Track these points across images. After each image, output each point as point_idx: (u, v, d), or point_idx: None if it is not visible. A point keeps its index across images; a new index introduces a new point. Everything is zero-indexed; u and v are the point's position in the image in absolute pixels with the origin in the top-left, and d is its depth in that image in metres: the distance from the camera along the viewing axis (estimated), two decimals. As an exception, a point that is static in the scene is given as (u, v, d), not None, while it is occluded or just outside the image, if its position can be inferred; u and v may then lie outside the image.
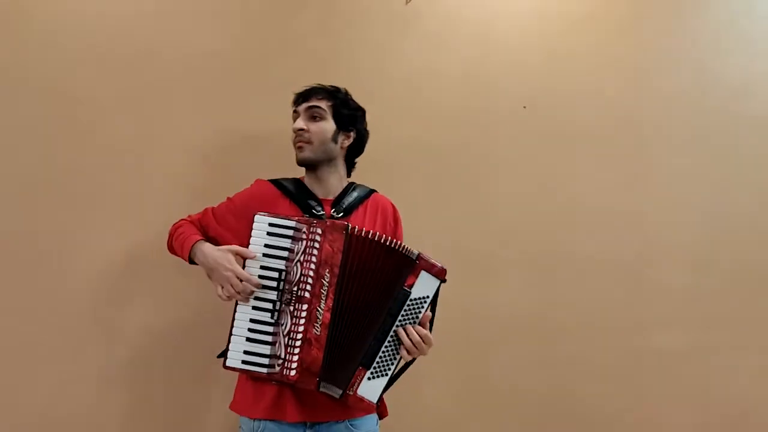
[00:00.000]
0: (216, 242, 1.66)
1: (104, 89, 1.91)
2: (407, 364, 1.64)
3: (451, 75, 2.14)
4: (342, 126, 1.70)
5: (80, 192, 1.90)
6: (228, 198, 1.72)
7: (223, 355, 1.58)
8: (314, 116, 1.67)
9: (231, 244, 1.60)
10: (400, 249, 1.56)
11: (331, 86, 1.72)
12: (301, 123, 1.66)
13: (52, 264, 1.88)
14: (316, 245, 1.52)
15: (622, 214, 2.19)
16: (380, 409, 1.71)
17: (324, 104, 1.67)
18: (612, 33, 2.22)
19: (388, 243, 1.55)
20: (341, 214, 1.67)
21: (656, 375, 2.17)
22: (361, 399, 1.56)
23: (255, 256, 1.55)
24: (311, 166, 1.69)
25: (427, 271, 1.58)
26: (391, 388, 1.61)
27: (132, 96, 1.92)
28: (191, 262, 1.66)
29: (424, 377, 1.66)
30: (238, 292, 1.53)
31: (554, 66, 2.18)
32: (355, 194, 1.72)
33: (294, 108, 1.71)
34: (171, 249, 1.74)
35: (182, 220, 1.73)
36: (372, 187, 1.78)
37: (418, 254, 1.57)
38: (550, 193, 2.17)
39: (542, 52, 2.19)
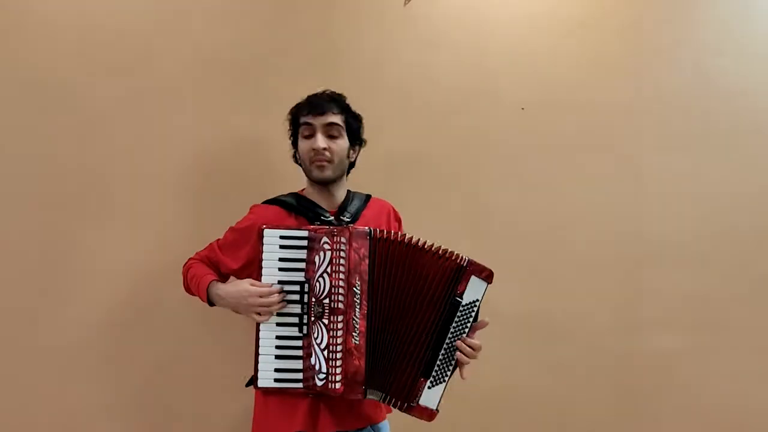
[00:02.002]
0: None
1: (104, 91, 1.89)
2: (453, 370, 1.62)
3: (449, 77, 2.14)
4: (353, 141, 1.68)
5: (79, 193, 1.87)
6: (230, 228, 1.68)
7: (251, 383, 1.54)
8: (332, 134, 1.63)
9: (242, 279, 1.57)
10: (450, 255, 1.54)
11: (336, 94, 1.68)
12: (323, 142, 1.61)
13: (50, 265, 1.86)
14: (343, 254, 1.49)
15: (621, 216, 2.20)
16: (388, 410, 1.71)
17: (339, 120, 1.64)
18: (610, 36, 2.23)
19: (418, 243, 1.53)
20: (349, 219, 1.63)
21: (654, 377, 2.17)
22: (425, 408, 1.55)
23: (271, 285, 1.51)
24: (328, 183, 1.65)
25: (476, 276, 1.58)
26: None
27: (133, 99, 1.91)
28: (211, 304, 1.63)
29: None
30: (270, 307, 1.50)
31: (552, 69, 2.19)
32: (356, 201, 1.70)
33: (306, 120, 1.63)
34: (188, 291, 1.69)
35: (191, 259, 1.68)
36: (368, 192, 1.77)
37: (468, 260, 1.56)
38: (548, 194, 2.17)
39: (540, 55, 2.19)
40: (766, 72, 2.29)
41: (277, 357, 1.53)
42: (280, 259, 1.54)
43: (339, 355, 1.49)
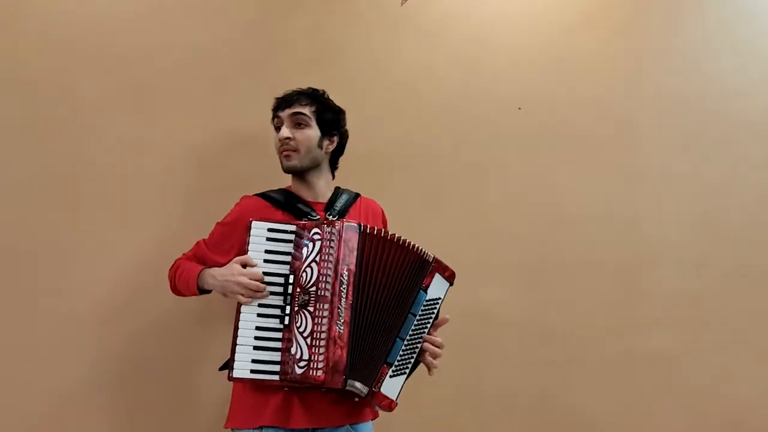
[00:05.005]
0: None
1: (100, 90, 1.90)
2: (416, 365, 1.63)
3: (447, 76, 2.15)
4: (326, 131, 1.71)
5: (77, 192, 1.87)
6: (217, 223, 1.69)
7: (226, 367, 1.50)
8: (299, 123, 1.66)
9: None
10: (417, 249, 1.60)
11: (310, 89, 1.72)
12: (286, 131, 1.66)
13: (48, 263, 1.84)
14: (333, 244, 1.51)
15: (617, 217, 2.19)
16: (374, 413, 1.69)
17: (307, 110, 1.67)
18: (608, 36, 2.24)
19: (402, 242, 1.58)
20: (336, 217, 1.66)
21: (650, 378, 2.16)
22: (385, 396, 1.53)
23: (256, 264, 1.52)
24: (298, 173, 1.70)
25: (440, 274, 1.63)
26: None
27: (128, 97, 1.92)
28: (201, 291, 1.61)
29: (417, 379, 1.62)
30: (255, 291, 1.49)
31: (550, 68, 2.20)
32: (344, 197, 1.73)
33: (276, 113, 1.70)
34: (176, 290, 1.67)
35: (178, 259, 1.68)
36: (363, 188, 1.80)
37: (434, 257, 1.62)
38: (545, 194, 2.16)
39: (538, 54, 2.21)
40: (766, 72, 2.31)
41: (256, 348, 1.49)
42: (266, 251, 1.55)
43: (323, 343, 1.47)
